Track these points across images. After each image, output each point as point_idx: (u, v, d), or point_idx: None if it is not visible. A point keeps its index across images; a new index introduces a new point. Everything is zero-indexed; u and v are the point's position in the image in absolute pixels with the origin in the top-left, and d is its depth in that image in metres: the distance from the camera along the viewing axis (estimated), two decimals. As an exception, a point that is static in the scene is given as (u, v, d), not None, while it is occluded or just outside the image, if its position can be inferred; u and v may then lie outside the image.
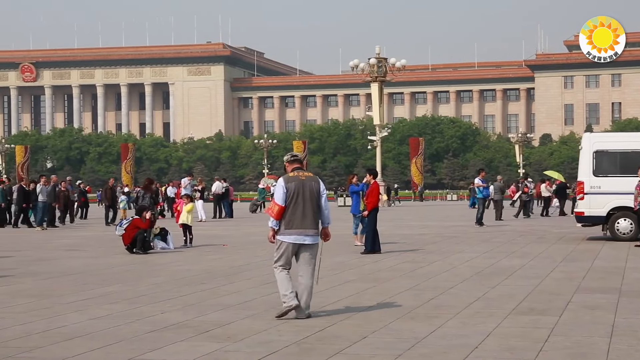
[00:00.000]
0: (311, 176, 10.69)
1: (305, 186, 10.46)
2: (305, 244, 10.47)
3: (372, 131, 79.06)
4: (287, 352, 8.56)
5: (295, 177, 10.51)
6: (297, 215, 10.36)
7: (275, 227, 10.44)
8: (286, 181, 10.45)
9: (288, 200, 10.37)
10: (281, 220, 10.40)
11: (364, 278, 15.00)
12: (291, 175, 10.55)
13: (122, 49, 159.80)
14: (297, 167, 10.73)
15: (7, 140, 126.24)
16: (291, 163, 10.74)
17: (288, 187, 10.39)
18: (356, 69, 63.94)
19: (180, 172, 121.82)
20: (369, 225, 20.28)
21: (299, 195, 10.40)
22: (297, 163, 10.78)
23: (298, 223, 10.36)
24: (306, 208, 10.41)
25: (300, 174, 10.59)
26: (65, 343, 9.07)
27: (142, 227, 21.09)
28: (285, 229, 10.39)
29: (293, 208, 10.38)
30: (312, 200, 10.46)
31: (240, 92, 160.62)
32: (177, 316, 10.79)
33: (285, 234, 10.40)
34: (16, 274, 16.28)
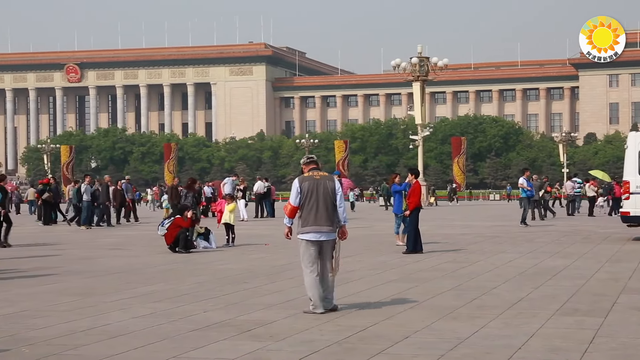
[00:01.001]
0: (326, 175, 11.03)
1: (320, 185, 10.82)
2: (322, 241, 10.82)
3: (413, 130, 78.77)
4: (329, 351, 8.55)
5: (309, 177, 10.89)
6: (311, 214, 10.76)
7: (289, 225, 10.92)
8: (300, 181, 10.87)
9: (302, 200, 10.79)
10: (298, 218, 10.82)
11: (406, 278, 14.94)
12: (306, 175, 10.96)
13: (165, 50, 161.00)
14: (314, 167, 11.10)
15: (52, 140, 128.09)
16: (307, 165, 11.13)
17: (302, 187, 10.81)
18: (398, 68, 63.76)
19: (222, 171, 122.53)
20: (411, 225, 20.19)
21: (313, 194, 10.77)
22: (314, 164, 11.15)
23: (312, 221, 10.75)
24: (320, 206, 10.77)
25: (315, 173, 10.96)
26: (109, 341, 9.15)
27: (184, 226, 21.23)
28: (302, 227, 10.80)
29: (308, 207, 10.77)
30: (327, 198, 10.80)
31: (282, 92, 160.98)
32: (219, 315, 10.84)
33: (302, 233, 10.81)
34: (61, 273, 16.49)
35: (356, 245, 23.08)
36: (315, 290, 10.77)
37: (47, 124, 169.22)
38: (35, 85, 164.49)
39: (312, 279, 10.81)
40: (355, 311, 11.05)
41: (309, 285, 10.84)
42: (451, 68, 79.73)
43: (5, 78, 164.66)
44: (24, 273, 16.56)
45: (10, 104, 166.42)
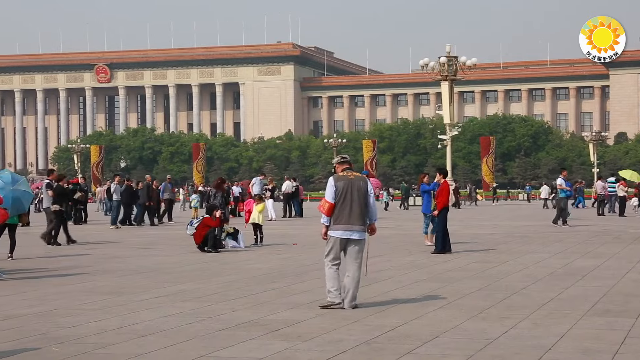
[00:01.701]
0: (359, 176, 11.33)
1: (354, 185, 11.12)
2: (352, 239, 11.11)
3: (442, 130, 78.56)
4: (357, 351, 8.54)
5: (344, 177, 11.19)
6: (344, 212, 11.05)
7: (327, 224, 11.17)
8: (336, 180, 11.16)
9: (337, 198, 11.06)
10: (331, 216, 11.09)
11: (435, 278, 14.89)
12: (341, 175, 11.26)
13: (193, 50, 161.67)
14: (347, 167, 11.40)
15: (82, 140, 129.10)
16: (341, 164, 11.44)
17: (337, 186, 11.09)
18: (426, 68, 63.60)
19: (250, 171, 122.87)
20: (439, 225, 20.13)
21: (347, 194, 11.07)
22: (347, 164, 11.45)
23: (345, 219, 11.04)
24: (354, 205, 11.07)
25: (349, 173, 11.27)
26: (138, 340, 9.21)
27: (213, 226, 21.32)
28: (334, 224, 11.09)
29: (341, 205, 11.07)
30: (360, 198, 11.11)
31: (310, 92, 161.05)
32: (247, 314, 10.86)
33: (333, 229, 11.10)
34: (92, 272, 16.61)
35: (385, 245, 23.06)
36: (334, 282, 11.12)
37: (77, 124, 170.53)
38: (65, 86, 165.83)
39: (332, 272, 11.15)
40: (383, 311, 11.03)
41: (328, 277, 11.17)
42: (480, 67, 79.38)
43: (36, 79, 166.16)
44: (54, 272, 16.70)
45: (41, 105, 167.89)
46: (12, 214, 17.93)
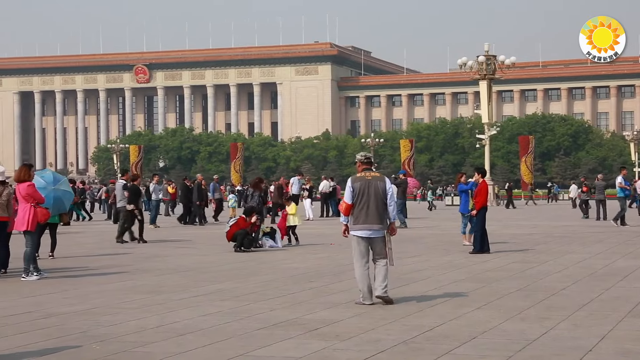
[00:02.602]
0: (378, 176, 11.72)
1: (371, 185, 11.49)
2: (373, 237, 11.49)
3: (480, 129, 78.05)
4: (395, 351, 8.53)
5: (361, 177, 11.61)
6: (362, 212, 11.44)
7: (345, 222, 11.62)
8: (353, 181, 11.60)
9: (355, 199, 11.48)
10: (350, 216, 11.51)
11: (473, 278, 14.81)
12: (358, 175, 11.69)
13: (231, 50, 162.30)
14: (367, 167, 11.82)
15: (121, 140, 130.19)
16: (363, 164, 11.86)
17: (354, 187, 11.52)
18: (464, 67, 63.24)
19: (287, 171, 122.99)
20: (478, 225, 20.02)
21: (365, 194, 11.44)
22: (368, 164, 11.88)
23: (364, 219, 11.43)
24: (371, 205, 11.42)
25: (367, 174, 11.68)
26: (177, 339, 9.27)
27: (244, 227, 21.37)
28: (354, 224, 11.53)
29: (359, 205, 11.45)
30: (377, 198, 11.46)
31: (347, 91, 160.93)
32: (285, 314, 10.89)
33: (354, 229, 11.54)
34: (131, 271, 16.76)
35: (423, 245, 23.00)
36: (365, 282, 11.48)
37: (117, 124, 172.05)
38: (105, 86, 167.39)
39: (362, 272, 11.50)
40: (422, 311, 11.00)
41: (359, 278, 11.57)
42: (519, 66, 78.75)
43: (76, 79, 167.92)
44: (94, 271, 16.88)
45: (81, 105, 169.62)
46: (54, 214, 18.15)
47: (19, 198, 15.57)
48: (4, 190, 15.92)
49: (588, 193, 41.80)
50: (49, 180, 18.37)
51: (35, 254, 15.89)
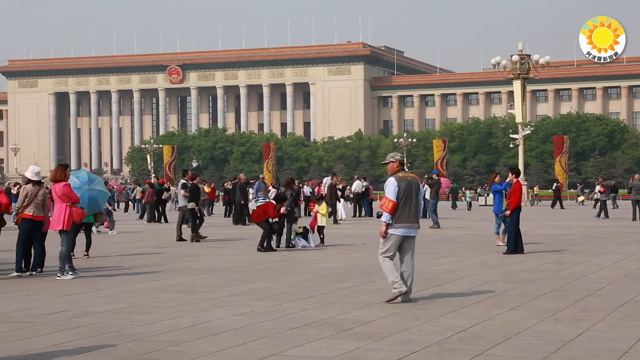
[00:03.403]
0: (413, 176, 12.05)
1: (412, 185, 11.79)
2: (409, 236, 11.76)
3: (514, 129, 77.55)
4: (428, 351, 8.49)
5: (404, 177, 11.80)
6: (405, 211, 11.64)
7: (389, 222, 11.66)
8: (398, 180, 11.73)
9: (399, 197, 11.63)
10: (393, 215, 11.61)
11: (507, 278, 14.72)
12: (401, 175, 11.83)
13: (264, 50, 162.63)
14: (401, 168, 12.08)
15: (155, 140, 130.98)
16: (399, 164, 12.08)
17: (400, 186, 11.68)
18: (498, 67, 62.82)
19: (320, 171, 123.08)
20: (511, 225, 19.89)
21: (407, 193, 11.68)
22: (402, 165, 12.13)
23: (406, 218, 11.65)
24: (412, 204, 11.73)
25: (406, 174, 11.94)
26: (210, 338, 9.30)
27: (270, 216, 21.30)
28: (395, 223, 11.63)
29: (403, 204, 11.64)
30: (417, 197, 11.80)
31: (380, 91, 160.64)
32: (318, 314, 10.89)
33: (395, 228, 11.64)
34: (165, 270, 16.86)
35: (456, 245, 22.89)
36: (395, 273, 11.67)
37: (150, 125, 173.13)
38: (139, 87, 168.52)
39: (391, 264, 11.72)
40: (455, 311, 10.95)
41: (389, 270, 11.71)
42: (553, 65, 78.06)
43: (110, 80, 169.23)
44: (128, 270, 17.00)
45: (116, 106, 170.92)
46: (89, 213, 18.31)
47: (55, 198, 15.71)
48: (39, 190, 16.09)
49: (605, 193, 41.46)
50: (84, 180, 18.53)
51: (70, 254, 16.03)
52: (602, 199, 41.01)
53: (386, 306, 11.47)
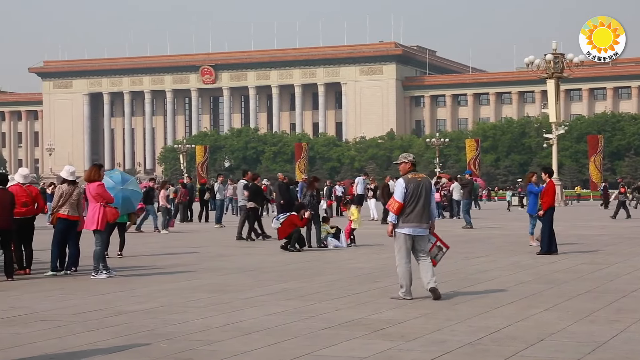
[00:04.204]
0: (424, 177, 12.28)
1: (422, 186, 12.02)
2: (419, 235, 12.03)
3: (547, 129, 77.03)
4: (461, 352, 8.45)
5: (413, 179, 12.05)
6: (414, 211, 11.92)
7: (395, 222, 11.98)
8: (406, 182, 12.01)
9: (407, 198, 11.92)
10: (400, 215, 11.90)
11: (540, 279, 14.61)
12: (410, 177, 12.08)
13: (296, 50, 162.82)
14: (413, 169, 12.28)
15: (187, 140, 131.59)
16: (412, 165, 12.28)
17: (408, 187, 11.96)
18: (531, 66, 62.37)
19: (352, 171, 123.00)
20: (545, 226, 19.74)
21: (415, 194, 11.94)
22: (414, 166, 12.33)
23: (414, 218, 11.93)
24: (422, 205, 11.96)
25: (417, 175, 12.17)
26: (243, 338, 9.32)
27: (299, 225, 21.39)
28: (403, 222, 11.96)
29: (411, 205, 11.92)
30: (426, 198, 12.03)
31: (412, 91, 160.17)
32: (350, 314, 10.87)
33: (402, 227, 11.98)
34: (198, 269, 16.93)
35: (489, 245, 22.77)
36: (407, 279, 12.02)
37: (183, 125, 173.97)
38: (172, 87, 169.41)
39: (406, 268, 12.00)
40: (488, 312, 10.89)
41: (402, 274, 12.03)
42: (587, 64, 77.04)
43: (144, 80, 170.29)
44: (161, 270, 17.09)
45: (149, 106, 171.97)
46: (122, 213, 18.43)
47: (89, 197, 15.83)
48: (74, 190, 16.24)
49: (625, 194, 41.20)
50: (117, 180, 18.65)
51: (104, 253, 16.16)
52: (621, 199, 40.64)
53: (419, 306, 11.44)
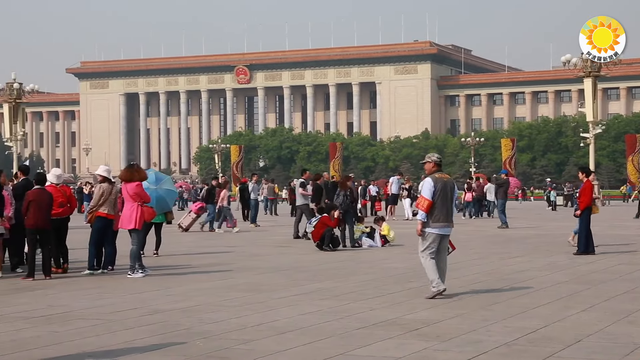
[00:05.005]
0: (449, 177, 12.69)
1: (447, 186, 12.34)
2: (445, 235, 12.33)
3: (584, 128, 76.23)
4: (497, 352, 8.40)
5: (440, 178, 12.35)
6: (443, 211, 12.22)
7: (424, 220, 12.21)
8: (435, 181, 12.29)
9: (435, 197, 12.19)
10: (429, 214, 12.15)
11: (577, 279, 14.48)
12: (437, 176, 12.36)
13: (330, 50, 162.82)
14: (438, 169, 12.55)
15: (222, 140, 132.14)
16: (437, 165, 12.58)
17: (436, 186, 12.22)
18: (568, 64, 61.77)
19: (386, 170, 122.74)
20: (582, 226, 19.55)
21: (443, 193, 12.22)
22: (439, 167, 12.61)
23: (442, 217, 12.22)
24: (447, 204, 12.27)
25: (443, 175, 12.49)
26: (277, 337, 9.34)
27: (330, 226, 21.39)
28: (432, 222, 12.19)
29: (440, 204, 12.20)
30: (452, 197, 12.35)
31: (447, 90, 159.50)
32: (385, 313, 10.85)
33: (432, 227, 12.20)
34: (233, 269, 16.99)
35: (525, 245, 22.60)
36: (435, 271, 12.25)
37: (218, 125, 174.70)
38: (207, 87, 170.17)
39: (432, 263, 12.25)
40: (524, 312, 10.81)
41: (430, 268, 12.27)
42: (625, 63, 76.41)
43: (179, 80, 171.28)
44: (196, 269, 17.18)
45: (184, 106, 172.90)
46: (158, 213, 18.52)
47: (126, 197, 15.94)
48: (112, 189, 16.40)
49: None
50: (151, 180, 18.76)
51: (140, 252, 16.28)
52: None
53: (454, 307, 11.38)
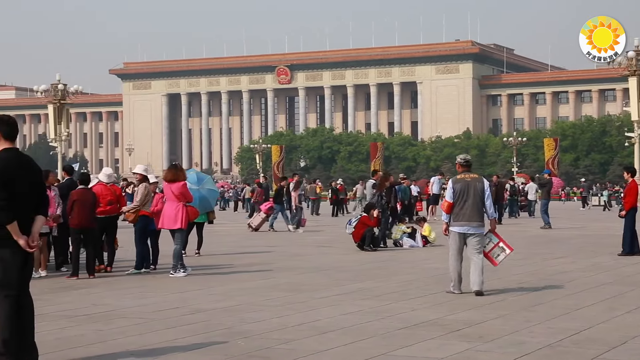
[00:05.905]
0: (477, 177, 12.91)
1: (470, 186, 12.60)
2: (470, 233, 12.56)
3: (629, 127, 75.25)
4: (541, 354, 8.32)
5: (462, 179, 12.72)
6: (462, 210, 12.54)
7: (447, 221, 12.73)
8: (454, 182, 12.73)
9: (456, 198, 12.58)
10: (451, 214, 12.59)
11: (621, 281, 14.30)
12: (459, 177, 12.79)
13: (371, 50, 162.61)
14: (466, 170, 12.91)
15: (263, 140, 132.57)
16: (462, 166, 12.95)
17: (455, 187, 12.64)
18: (612, 63, 61.10)
19: (427, 170, 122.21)
20: (627, 226, 19.29)
21: (464, 194, 12.55)
22: (467, 167, 12.96)
23: (463, 216, 12.54)
24: (470, 204, 12.51)
25: (467, 176, 12.78)
26: (319, 337, 9.34)
27: (370, 225, 21.32)
28: (454, 221, 12.64)
29: (459, 204, 12.55)
30: (476, 197, 12.55)
31: (489, 90, 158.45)
32: (427, 314, 10.81)
33: (453, 226, 12.66)
34: (274, 269, 17.03)
35: (569, 246, 22.39)
36: (456, 272, 12.64)
37: (259, 125, 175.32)
38: (248, 87, 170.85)
39: (456, 264, 12.64)
40: (568, 314, 10.70)
41: (452, 268, 12.69)
42: (670, 61, 75.19)
43: (221, 81, 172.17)
44: (238, 268, 17.25)
45: (225, 106, 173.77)
46: (201, 212, 18.62)
47: (170, 197, 16.01)
48: (154, 189, 16.56)
49: None
50: (193, 180, 18.86)
51: (182, 252, 16.38)
52: None
53: (497, 307, 11.30)
